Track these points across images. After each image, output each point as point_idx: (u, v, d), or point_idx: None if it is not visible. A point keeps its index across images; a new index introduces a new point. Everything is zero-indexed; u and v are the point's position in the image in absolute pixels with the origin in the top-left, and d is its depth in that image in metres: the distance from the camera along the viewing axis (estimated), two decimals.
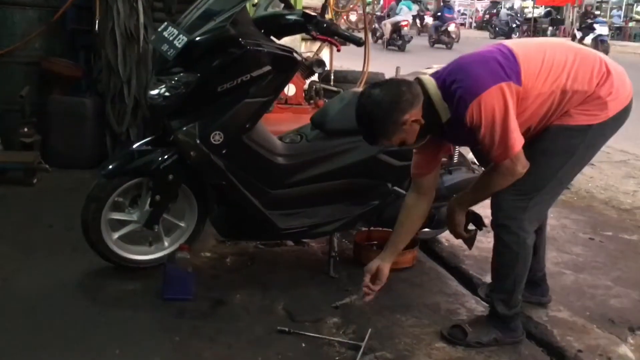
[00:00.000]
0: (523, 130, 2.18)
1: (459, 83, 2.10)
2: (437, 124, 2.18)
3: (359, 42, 2.77)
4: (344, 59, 8.32)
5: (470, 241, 2.55)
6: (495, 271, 2.44)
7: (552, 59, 2.18)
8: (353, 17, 9.85)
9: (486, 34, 26.69)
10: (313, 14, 2.66)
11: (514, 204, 2.26)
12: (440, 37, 19.19)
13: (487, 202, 2.38)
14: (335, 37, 2.77)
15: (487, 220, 2.45)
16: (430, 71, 3.26)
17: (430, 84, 2.17)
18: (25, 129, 4.25)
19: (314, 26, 2.64)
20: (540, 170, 2.23)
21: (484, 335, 2.41)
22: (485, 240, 3.52)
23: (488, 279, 3.00)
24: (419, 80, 2.19)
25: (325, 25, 2.66)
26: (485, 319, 2.50)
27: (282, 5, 2.82)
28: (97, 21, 4.40)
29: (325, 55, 5.43)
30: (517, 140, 2.12)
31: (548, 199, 2.36)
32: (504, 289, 2.40)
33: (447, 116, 2.16)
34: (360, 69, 5.40)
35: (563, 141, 2.23)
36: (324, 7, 2.75)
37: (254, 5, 3.01)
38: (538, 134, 2.26)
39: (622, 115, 2.26)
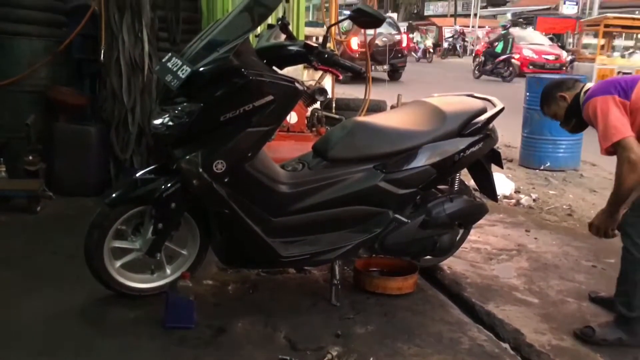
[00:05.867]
0: None
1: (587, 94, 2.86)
2: (579, 114, 2.87)
3: (359, 73, 2.81)
4: (346, 87, 8.41)
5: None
6: (619, 277, 2.74)
7: None
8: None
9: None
10: (314, 44, 2.70)
11: (634, 218, 2.67)
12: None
13: None
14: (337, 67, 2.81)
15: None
16: (430, 99, 3.31)
17: (586, 87, 2.92)
18: (30, 157, 4.29)
19: (316, 57, 2.68)
20: None
21: (610, 334, 2.70)
22: (489, 268, 3.52)
23: (490, 306, 3.01)
24: (584, 84, 2.97)
25: (326, 55, 2.69)
26: (613, 322, 2.76)
27: (284, 36, 2.87)
28: (102, 50, 4.47)
29: (327, 83, 5.48)
30: (616, 134, 2.60)
31: None
32: (625, 292, 2.69)
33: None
34: (362, 96, 5.45)
35: None
36: (326, 38, 2.78)
37: (256, 36, 3.05)
38: None
39: None
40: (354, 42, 9.11)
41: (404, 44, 17.12)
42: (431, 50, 27.40)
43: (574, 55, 17.08)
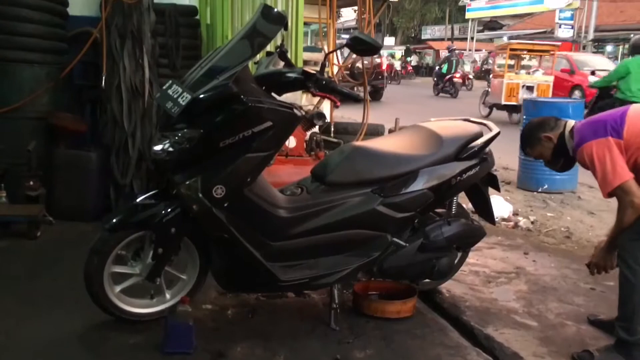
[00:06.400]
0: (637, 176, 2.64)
1: (575, 136, 2.81)
2: (566, 154, 2.89)
3: (357, 99, 2.84)
4: (344, 110, 8.46)
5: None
6: (619, 301, 2.74)
7: None
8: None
9: (484, 83, 27.19)
10: (312, 71, 2.74)
11: (631, 242, 2.65)
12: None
13: None
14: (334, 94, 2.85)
15: None
16: (427, 123, 3.35)
17: (569, 125, 2.89)
18: (31, 183, 4.31)
19: (313, 83, 2.72)
20: None
21: (609, 358, 2.68)
22: (487, 291, 3.53)
23: (489, 330, 3.01)
24: (565, 121, 2.93)
25: (324, 82, 2.74)
26: (612, 346, 2.75)
27: (283, 63, 2.92)
28: (103, 77, 4.52)
29: (325, 107, 5.54)
30: (615, 179, 2.60)
31: None
32: (624, 316, 2.69)
33: (572, 153, 2.88)
34: (360, 120, 5.50)
35: None
36: (323, 65, 2.83)
37: (255, 63, 3.10)
38: None
39: None
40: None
41: (384, 67, 20.00)
42: (470, 77, 25.36)
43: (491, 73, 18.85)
